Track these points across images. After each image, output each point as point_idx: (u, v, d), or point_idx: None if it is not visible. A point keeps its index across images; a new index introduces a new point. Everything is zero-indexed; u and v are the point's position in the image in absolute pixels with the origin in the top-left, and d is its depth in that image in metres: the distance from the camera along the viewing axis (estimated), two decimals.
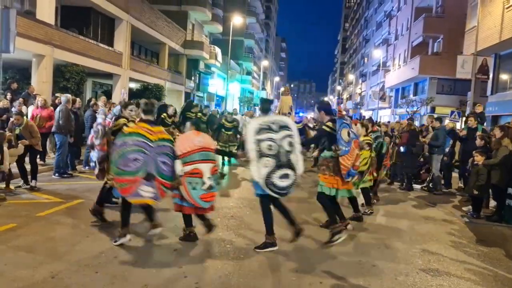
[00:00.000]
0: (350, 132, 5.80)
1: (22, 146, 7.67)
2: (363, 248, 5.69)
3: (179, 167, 5.04)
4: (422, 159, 11.56)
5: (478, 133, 9.73)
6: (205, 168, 5.15)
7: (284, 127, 5.19)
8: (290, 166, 5.12)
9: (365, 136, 7.70)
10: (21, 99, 10.68)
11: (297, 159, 5.21)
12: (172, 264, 4.69)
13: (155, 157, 4.97)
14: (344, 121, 5.82)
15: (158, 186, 5.00)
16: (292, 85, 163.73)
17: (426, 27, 30.25)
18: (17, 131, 7.67)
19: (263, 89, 72.41)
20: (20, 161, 7.85)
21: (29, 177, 7.94)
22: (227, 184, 10.05)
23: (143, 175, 4.88)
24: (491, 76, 19.57)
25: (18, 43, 11.25)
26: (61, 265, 4.41)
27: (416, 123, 20.98)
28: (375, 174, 7.98)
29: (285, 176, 5.07)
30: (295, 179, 5.18)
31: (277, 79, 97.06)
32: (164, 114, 10.70)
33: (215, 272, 4.56)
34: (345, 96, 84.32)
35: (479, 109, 11.64)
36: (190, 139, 5.25)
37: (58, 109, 9.78)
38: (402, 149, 10.66)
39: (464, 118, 17.81)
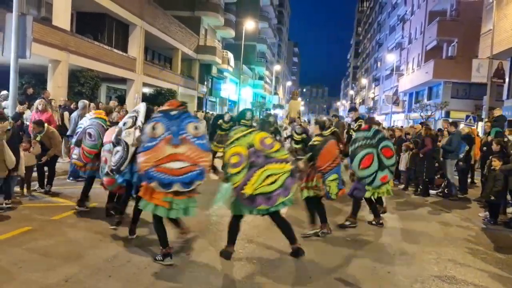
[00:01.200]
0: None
1: (39, 146, 7.72)
2: (377, 254, 5.61)
3: None
4: (436, 164, 11.39)
5: (490, 137, 9.58)
6: None
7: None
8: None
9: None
10: (24, 105, 10.63)
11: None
12: (185, 268, 4.67)
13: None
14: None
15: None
16: (304, 90, 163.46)
17: (440, 31, 29.95)
18: (38, 138, 7.75)
19: (275, 93, 72.45)
20: (40, 166, 7.92)
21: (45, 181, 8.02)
22: None
23: None
24: (507, 80, 19.28)
25: (35, 49, 11.43)
26: (74, 269, 4.43)
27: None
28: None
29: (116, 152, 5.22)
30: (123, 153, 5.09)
31: (289, 83, 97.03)
32: (221, 120, 12.17)
33: (228, 276, 4.53)
34: (358, 100, 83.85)
35: (497, 113, 11.47)
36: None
37: (74, 113, 9.91)
38: (420, 154, 10.47)
39: (480, 123, 17.58)
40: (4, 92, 10.59)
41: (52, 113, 11.08)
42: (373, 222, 7.06)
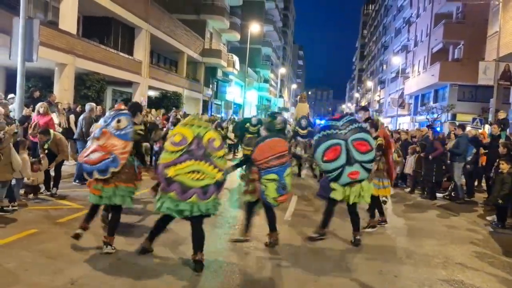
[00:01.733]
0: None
1: (47, 160, 7.75)
2: (384, 257, 5.57)
3: None
4: (443, 167, 11.31)
5: (501, 140, 9.50)
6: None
7: None
8: None
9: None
10: (29, 108, 10.68)
11: None
12: (191, 272, 4.66)
13: None
14: None
15: None
16: (309, 93, 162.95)
17: (446, 33, 29.82)
18: (46, 146, 7.78)
19: (281, 96, 72.45)
20: (47, 170, 7.96)
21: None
22: None
23: None
24: None
25: (41, 52, 11.51)
26: (80, 271, 4.44)
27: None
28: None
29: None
30: None
31: (294, 86, 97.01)
32: (248, 123, 12.44)
33: (233, 279, 4.51)
34: (363, 103, 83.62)
35: (501, 115, 11.38)
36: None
37: (81, 116, 9.94)
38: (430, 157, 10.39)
39: (487, 126, 17.46)
40: (11, 95, 10.66)
41: (52, 116, 11.17)
42: (380, 221, 7.07)
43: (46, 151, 7.74)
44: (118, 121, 4.95)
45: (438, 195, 10.63)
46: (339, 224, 6.73)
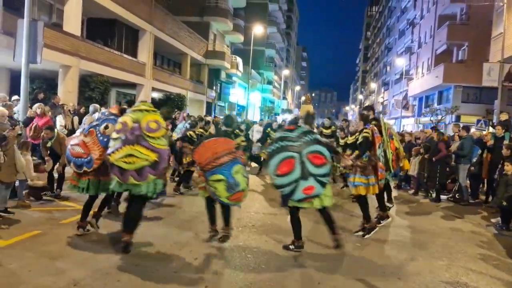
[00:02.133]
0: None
1: (51, 162, 7.78)
2: (387, 260, 5.54)
3: None
4: (448, 169, 11.26)
5: (505, 142, 9.44)
6: None
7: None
8: None
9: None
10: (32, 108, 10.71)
11: None
12: (193, 273, 4.66)
13: None
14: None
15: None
16: (313, 94, 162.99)
17: (450, 35, 29.74)
18: (48, 144, 7.80)
19: (284, 98, 72.42)
20: (50, 171, 7.99)
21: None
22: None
23: None
24: None
25: (46, 54, 11.56)
26: (83, 273, 4.44)
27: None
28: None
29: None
30: None
31: (298, 88, 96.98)
32: (269, 129, 12.77)
33: (236, 281, 4.50)
34: (367, 105, 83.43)
35: (503, 117, 11.32)
36: None
37: (85, 118, 9.98)
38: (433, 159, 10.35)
39: (490, 127, 17.37)
40: (15, 97, 10.71)
41: (58, 117, 11.22)
42: (377, 216, 7.09)
43: (49, 151, 7.77)
44: (106, 127, 5.33)
45: (442, 197, 10.58)
46: (340, 226, 6.70)
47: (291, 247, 5.49)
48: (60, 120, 11.12)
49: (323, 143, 5.35)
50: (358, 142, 6.34)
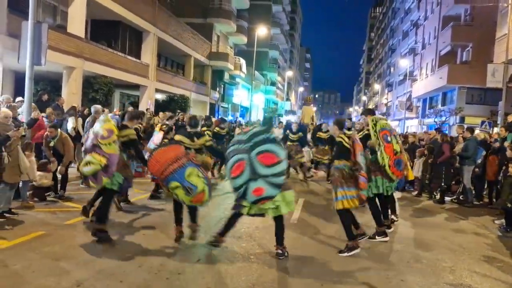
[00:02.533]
0: None
1: (56, 163, 7.82)
2: (391, 262, 5.53)
3: None
4: (452, 171, 11.21)
5: (507, 143, 9.40)
6: None
7: None
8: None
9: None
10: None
11: None
12: (196, 274, 4.66)
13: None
14: None
15: None
16: (316, 95, 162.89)
17: (454, 36, 29.65)
18: (51, 144, 7.83)
19: (288, 99, 72.38)
20: (54, 171, 8.03)
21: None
22: None
23: None
24: None
25: (50, 56, 11.60)
26: (86, 273, 4.45)
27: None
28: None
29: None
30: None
31: (301, 89, 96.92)
32: (288, 131, 12.47)
33: (238, 282, 4.50)
34: (370, 106, 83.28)
35: (510, 118, 11.27)
36: None
37: (88, 119, 10.01)
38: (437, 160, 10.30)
39: (495, 129, 17.30)
40: (19, 98, 10.75)
41: (69, 120, 11.25)
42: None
43: (52, 151, 7.80)
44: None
45: (446, 198, 10.54)
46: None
47: (212, 240, 5.53)
48: (72, 122, 11.14)
49: (277, 142, 5.21)
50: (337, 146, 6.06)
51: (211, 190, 5.52)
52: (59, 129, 8.05)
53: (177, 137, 6.30)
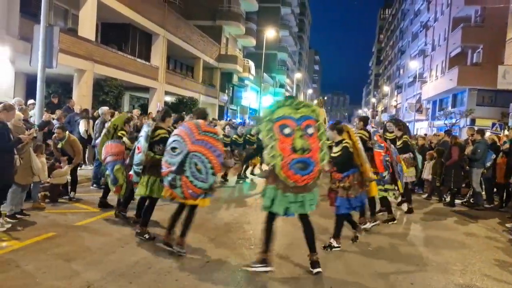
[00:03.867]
0: None
1: (68, 170, 7.91)
2: (400, 264, 5.49)
3: None
4: (462, 173, 11.12)
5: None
6: None
7: None
8: None
9: None
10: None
11: None
12: (206, 275, 4.67)
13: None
14: None
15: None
16: (325, 98, 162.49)
17: (465, 37, 29.43)
18: (59, 145, 7.91)
19: None
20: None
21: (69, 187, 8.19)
22: None
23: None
24: None
25: (61, 59, 11.74)
26: (97, 275, 4.49)
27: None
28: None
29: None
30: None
31: (310, 91, 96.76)
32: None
33: (247, 283, 4.51)
34: (380, 108, 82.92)
35: None
36: None
37: (97, 121, 10.10)
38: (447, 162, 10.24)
39: (506, 131, 17.11)
40: (31, 101, 10.89)
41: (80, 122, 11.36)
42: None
43: (61, 151, 7.91)
44: None
45: (457, 201, 10.45)
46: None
47: (138, 230, 5.77)
48: (84, 124, 11.25)
49: (146, 137, 5.57)
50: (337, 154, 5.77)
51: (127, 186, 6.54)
52: (67, 132, 8.12)
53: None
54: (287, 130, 4.55)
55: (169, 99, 26.09)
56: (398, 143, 8.35)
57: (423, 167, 11.07)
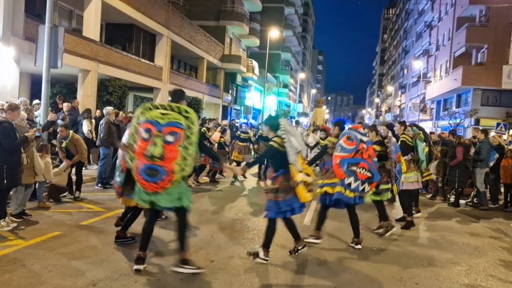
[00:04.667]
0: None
1: (65, 167, 7.94)
2: (405, 265, 5.48)
3: None
4: (466, 173, 11.08)
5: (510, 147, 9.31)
6: None
7: None
8: None
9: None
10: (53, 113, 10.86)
11: None
12: (210, 275, 4.68)
13: None
14: None
15: None
16: (329, 98, 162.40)
17: (469, 37, 29.32)
18: (63, 145, 7.95)
19: (300, 101, 72.27)
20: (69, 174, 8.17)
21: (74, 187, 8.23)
22: None
23: None
24: None
25: (66, 59, 11.78)
26: (102, 274, 4.51)
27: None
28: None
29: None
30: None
31: (314, 91, 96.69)
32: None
33: (251, 283, 4.51)
34: (383, 108, 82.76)
35: None
36: None
37: (101, 122, 10.14)
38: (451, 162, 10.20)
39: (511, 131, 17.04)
40: (36, 101, 10.94)
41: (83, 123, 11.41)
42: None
43: (65, 150, 7.94)
44: None
45: (461, 201, 10.41)
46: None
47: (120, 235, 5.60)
48: (87, 125, 11.29)
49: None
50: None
51: None
52: (70, 131, 8.15)
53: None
54: (146, 135, 4.38)
55: None
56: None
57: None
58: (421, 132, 7.90)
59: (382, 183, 6.71)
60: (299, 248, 5.43)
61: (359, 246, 5.96)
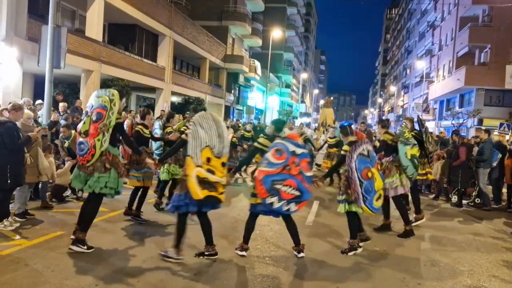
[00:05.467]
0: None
1: (69, 167, 7.95)
2: (407, 265, 5.48)
3: None
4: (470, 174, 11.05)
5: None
6: None
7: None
8: None
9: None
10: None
11: None
12: (212, 276, 4.69)
13: None
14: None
15: None
16: (332, 98, 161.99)
17: (472, 37, 29.24)
18: (66, 144, 7.96)
19: (302, 101, 72.21)
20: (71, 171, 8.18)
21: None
22: None
23: None
24: None
25: (69, 60, 11.82)
26: (104, 273, 4.52)
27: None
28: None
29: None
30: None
31: (316, 91, 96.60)
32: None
33: (254, 285, 4.52)
34: (386, 108, 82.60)
35: None
36: None
37: None
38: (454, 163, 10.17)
39: None
40: (39, 101, 10.98)
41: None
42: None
43: (68, 150, 7.96)
44: None
45: (464, 202, 10.38)
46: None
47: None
48: None
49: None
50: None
51: None
52: (72, 130, 8.15)
53: None
54: (84, 116, 5.37)
55: (175, 99, 26.16)
56: (377, 144, 7.11)
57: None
58: (406, 131, 6.95)
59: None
60: (206, 253, 5.18)
61: (302, 254, 5.41)
